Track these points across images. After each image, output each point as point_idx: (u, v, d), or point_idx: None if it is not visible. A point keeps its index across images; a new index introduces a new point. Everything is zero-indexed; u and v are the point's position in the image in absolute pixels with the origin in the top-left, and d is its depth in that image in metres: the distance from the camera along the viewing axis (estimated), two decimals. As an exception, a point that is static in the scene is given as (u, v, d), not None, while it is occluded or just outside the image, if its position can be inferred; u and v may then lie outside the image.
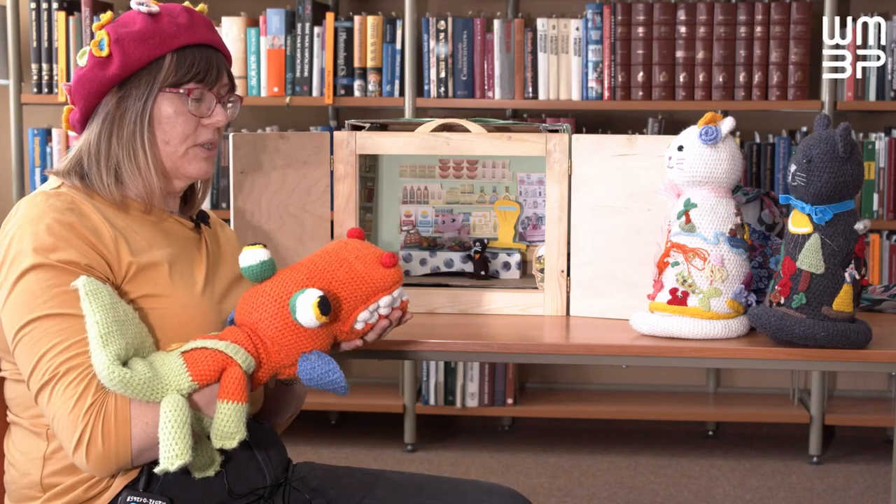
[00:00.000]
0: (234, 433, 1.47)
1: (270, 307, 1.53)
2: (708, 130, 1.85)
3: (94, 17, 3.74)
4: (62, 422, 1.44)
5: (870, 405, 3.89)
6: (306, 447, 3.81)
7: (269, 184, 2.09)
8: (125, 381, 1.42)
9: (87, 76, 1.59)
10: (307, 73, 3.72)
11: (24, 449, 1.57)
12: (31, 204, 1.53)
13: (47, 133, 3.85)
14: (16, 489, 1.58)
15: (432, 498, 1.70)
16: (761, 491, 3.45)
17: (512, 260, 2.28)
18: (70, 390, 1.44)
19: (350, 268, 1.58)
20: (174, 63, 1.59)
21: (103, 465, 1.45)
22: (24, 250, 1.48)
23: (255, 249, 1.56)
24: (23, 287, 1.47)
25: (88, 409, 1.44)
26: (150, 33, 1.58)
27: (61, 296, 1.47)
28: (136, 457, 1.47)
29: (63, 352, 1.45)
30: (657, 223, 1.95)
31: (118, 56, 1.57)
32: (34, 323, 1.46)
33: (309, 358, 1.53)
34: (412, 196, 2.35)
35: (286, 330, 1.52)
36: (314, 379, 1.53)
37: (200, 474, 1.53)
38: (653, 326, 1.86)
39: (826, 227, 1.75)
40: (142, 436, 1.46)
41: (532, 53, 3.68)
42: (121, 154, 1.60)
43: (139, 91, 1.59)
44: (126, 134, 1.59)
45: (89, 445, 1.43)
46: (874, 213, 3.67)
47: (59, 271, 1.48)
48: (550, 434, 4.00)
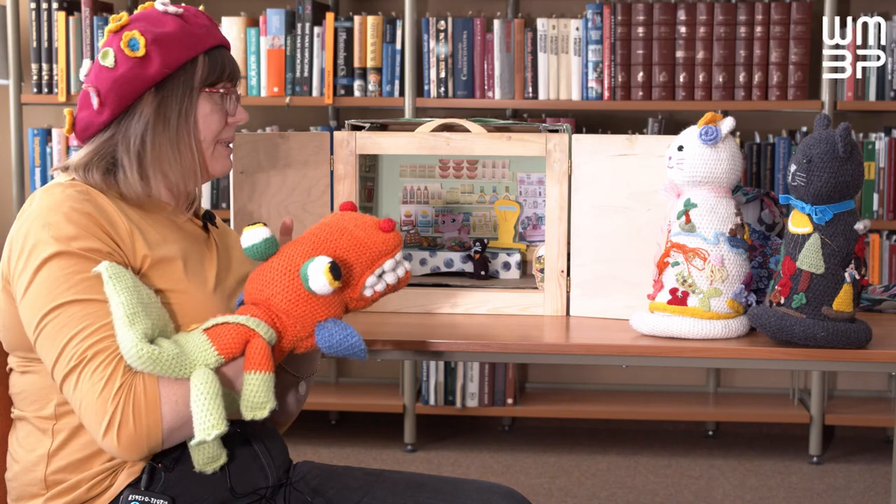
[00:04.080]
0: (264, 403, 1.48)
1: (281, 281, 1.54)
2: (708, 130, 1.85)
3: (95, 16, 3.74)
4: (90, 406, 1.44)
5: (870, 405, 3.89)
6: (306, 447, 3.81)
7: (269, 184, 2.09)
8: (154, 358, 1.43)
9: (124, 76, 1.59)
10: (307, 73, 3.72)
11: (29, 445, 1.57)
12: (48, 194, 1.54)
13: (47, 133, 3.85)
14: (18, 486, 1.58)
15: (432, 497, 1.71)
16: (761, 491, 3.45)
17: (512, 260, 2.28)
18: (98, 374, 1.44)
19: (352, 235, 1.60)
20: (207, 63, 1.64)
21: (134, 448, 1.45)
22: (44, 239, 1.49)
23: (256, 228, 1.58)
24: (45, 275, 1.48)
25: (118, 391, 1.44)
26: (184, 34, 1.62)
27: (84, 282, 1.48)
28: (167, 437, 1.47)
29: (89, 336, 1.45)
30: (657, 223, 1.95)
31: (158, 56, 1.60)
32: (58, 310, 1.46)
33: (325, 326, 1.55)
34: (412, 196, 2.35)
35: (299, 301, 1.53)
36: (333, 346, 1.54)
37: (208, 469, 1.53)
38: (653, 326, 1.86)
39: (826, 227, 1.75)
40: (172, 414, 1.46)
41: (532, 53, 3.68)
42: (168, 152, 1.62)
43: (180, 91, 1.62)
44: (172, 133, 1.62)
45: (120, 428, 1.43)
46: (874, 213, 3.67)
47: (81, 259, 1.49)
48: (550, 434, 4.00)
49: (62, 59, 3.74)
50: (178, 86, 1.62)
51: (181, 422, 1.47)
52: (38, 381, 1.56)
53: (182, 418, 1.46)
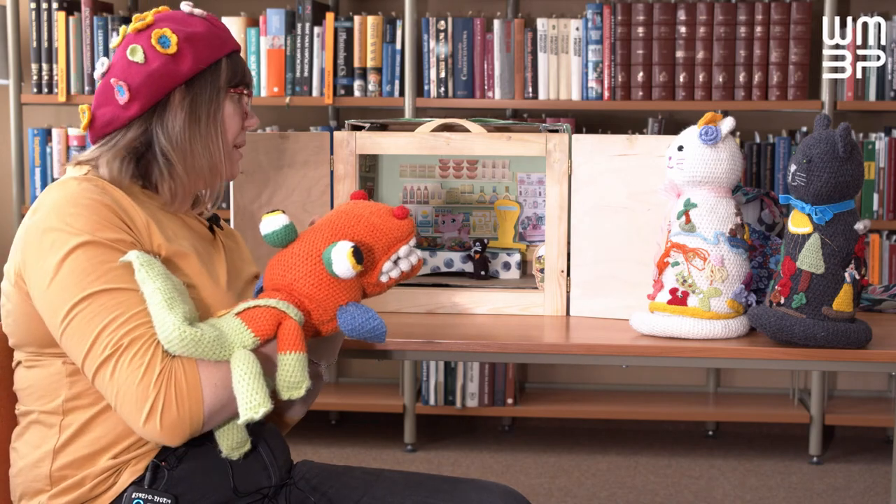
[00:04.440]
0: (300, 381, 1.50)
1: (303, 265, 1.57)
2: (708, 130, 1.85)
3: (95, 16, 3.74)
4: (130, 393, 1.44)
5: (870, 405, 3.89)
6: (306, 447, 3.81)
7: (268, 184, 2.09)
8: (196, 340, 1.44)
9: (158, 71, 1.60)
10: (307, 73, 3.72)
11: (35, 442, 1.57)
12: (64, 188, 1.54)
13: (47, 133, 3.85)
14: (23, 482, 1.58)
15: (430, 496, 1.71)
16: (761, 491, 3.45)
17: (512, 260, 2.28)
18: (136, 361, 1.44)
19: (368, 222, 1.63)
20: (230, 66, 1.67)
21: (177, 432, 1.46)
22: (66, 230, 1.49)
23: (276, 215, 1.60)
24: (71, 266, 1.48)
25: (158, 376, 1.44)
26: (211, 35, 1.65)
27: (112, 272, 1.48)
28: (208, 419, 1.48)
29: (123, 324, 1.46)
30: (657, 223, 1.95)
31: (190, 54, 1.62)
32: (88, 300, 1.46)
33: (347, 309, 1.57)
34: (412, 196, 2.35)
35: (322, 284, 1.56)
36: (356, 328, 1.56)
37: (234, 454, 1.56)
38: (653, 326, 1.86)
39: (826, 227, 1.76)
40: (212, 397, 1.47)
41: (532, 53, 3.68)
42: (199, 149, 1.64)
43: (208, 90, 1.64)
44: (203, 130, 1.64)
45: (163, 413, 1.44)
46: (874, 213, 3.67)
47: (108, 248, 1.49)
48: (550, 434, 4.00)
49: (62, 59, 3.74)
50: (206, 85, 1.64)
51: (221, 404, 1.48)
52: (47, 376, 1.56)
53: (221, 401, 1.48)
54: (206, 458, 1.57)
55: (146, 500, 1.52)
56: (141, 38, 1.62)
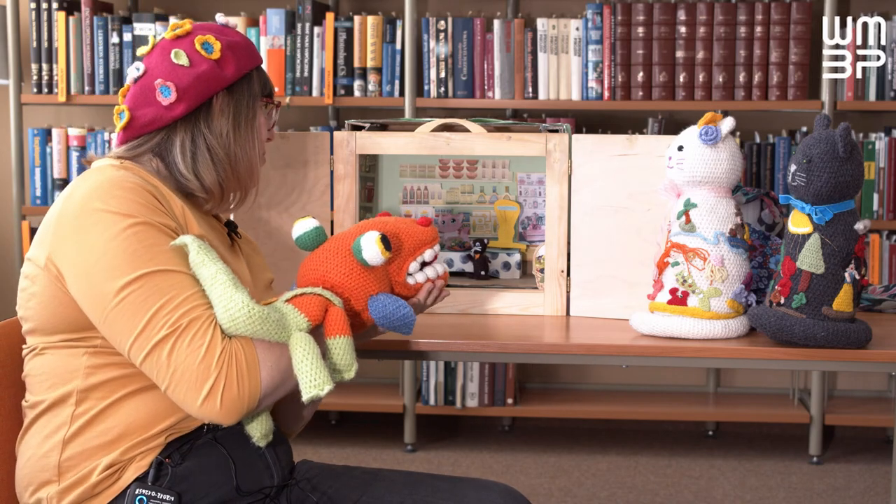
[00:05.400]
0: (350, 364, 1.56)
1: (335, 257, 1.65)
2: (708, 130, 1.85)
3: (95, 16, 3.74)
4: (190, 372, 1.46)
5: (870, 405, 3.89)
6: (306, 447, 3.81)
7: (269, 184, 2.09)
8: (263, 318, 1.49)
9: (206, 74, 1.64)
10: (307, 73, 3.72)
11: (46, 431, 1.57)
12: (102, 172, 1.55)
13: (47, 133, 3.85)
14: (30, 472, 1.57)
15: (430, 495, 1.72)
16: (761, 491, 3.45)
17: (512, 260, 2.28)
18: (197, 340, 1.47)
19: (394, 225, 1.73)
20: (260, 76, 1.72)
21: (235, 411, 1.49)
22: (113, 210, 1.50)
23: (306, 219, 1.69)
24: (123, 245, 1.48)
25: (220, 355, 1.47)
26: (248, 46, 1.71)
27: (164, 254, 1.50)
28: (262, 399, 1.52)
29: (180, 305, 1.48)
30: (657, 223, 1.95)
31: (232, 61, 1.67)
32: (141, 280, 1.47)
33: (378, 298, 1.64)
34: (412, 196, 2.35)
35: (353, 274, 1.63)
36: (387, 316, 1.63)
37: (263, 442, 1.60)
38: (653, 326, 1.86)
39: (826, 227, 1.76)
40: (268, 378, 1.51)
41: (532, 53, 3.68)
42: (239, 152, 1.67)
43: (246, 97, 1.69)
44: (242, 134, 1.68)
45: (224, 391, 1.47)
46: (874, 213, 3.67)
47: (157, 230, 1.51)
48: (550, 434, 4.00)
49: (62, 59, 3.74)
50: (244, 92, 1.69)
51: (275, 385, 1.52)
52: (63, 364, 1.56)
53: (276, 382, 1.52)
54: (210, 456, 1.57)
55: (149, 497, 1.52)
56: (182, 44, 1.66)
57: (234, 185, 1.69)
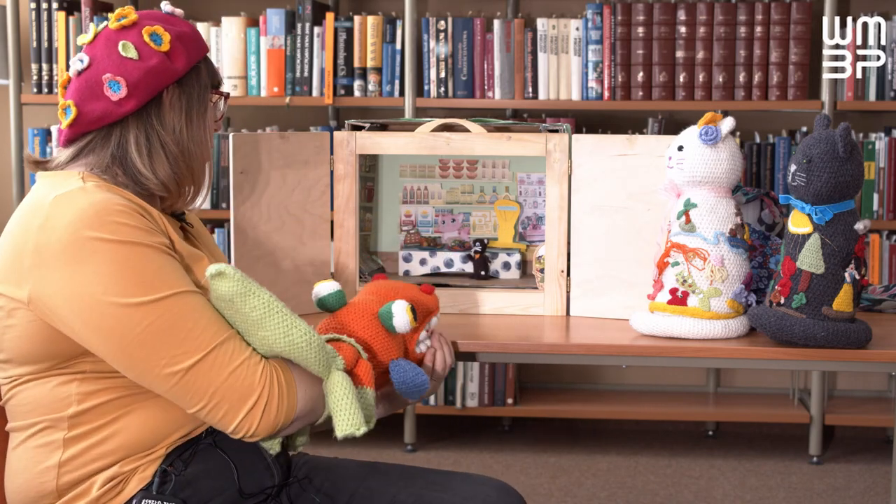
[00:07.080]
0: (370, 417, 1.59)
1: (362, 319, 1.67)
2: (708, 130, 1.85)
3: (95, 16, 3.74)
4: (234, 388, 1.47)
5: (870, 405, 3.89)
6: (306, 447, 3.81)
7: (269, 184, 2.09)
8: (320, 346, 1.52)
9: (156, 67, 1.58)
10: (307, 73, 3.72)
11: (38, 458, 1.53)
12: (80, 196, 1.47)
13: (47, 133, 3.85)
14: (25, 489, 1.55)
15: (424, 487, 1.72)
16: (761, 491, 3.45)
17: (512, 260, 2.28)
18: (237, 357, 1.48)
19: (405, 292, 1.75)
20: (208, 67, 1.67)
21: (270, 428, 1.51)
22: (111, 237, 1.43)
23: (328, 282, 1.70)
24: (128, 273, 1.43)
25: (262, 373, 1.50)
26: (196, 36, 1.65)
27: (173, 275, 1.47)
28: (294, 422, 1.55)
29: (207, 326, 1.47)
30: (657, 223, 1.95)
31: (182, 52, 1.61)
32: (160, 306, 1.44)
33: (399, 363, 1.68)
34: (412, 196, 2.35)
35: (377, 338, 1.67)
36: (406, 381, 1.66)
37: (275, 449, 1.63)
38: (653, 326, 1.86)
39: (826, 227, 1.76)
40: (303, 401, 1.54)
41: (532, 53, 3.68)
42: (193, 147, 1.63)
43: (196, 89, 1.63)
44: (195, 127, 1.63)
45: (267, 408, 1.49)
46: (874, 213, 3.67)
47: (157, 252, 1.47)
48: (550, 434, 4.00)
49: (62, 59, 3.74)
50: (193, 84, 1.63)
51: (307, 410, 1.55)
52: (51, 393, 1.51)
53: (308, 407, 1.55)
54: (212, 461, 1.57)
55: None
56: (129, 35, 1.59)
57: (188, 180, 1.64)
